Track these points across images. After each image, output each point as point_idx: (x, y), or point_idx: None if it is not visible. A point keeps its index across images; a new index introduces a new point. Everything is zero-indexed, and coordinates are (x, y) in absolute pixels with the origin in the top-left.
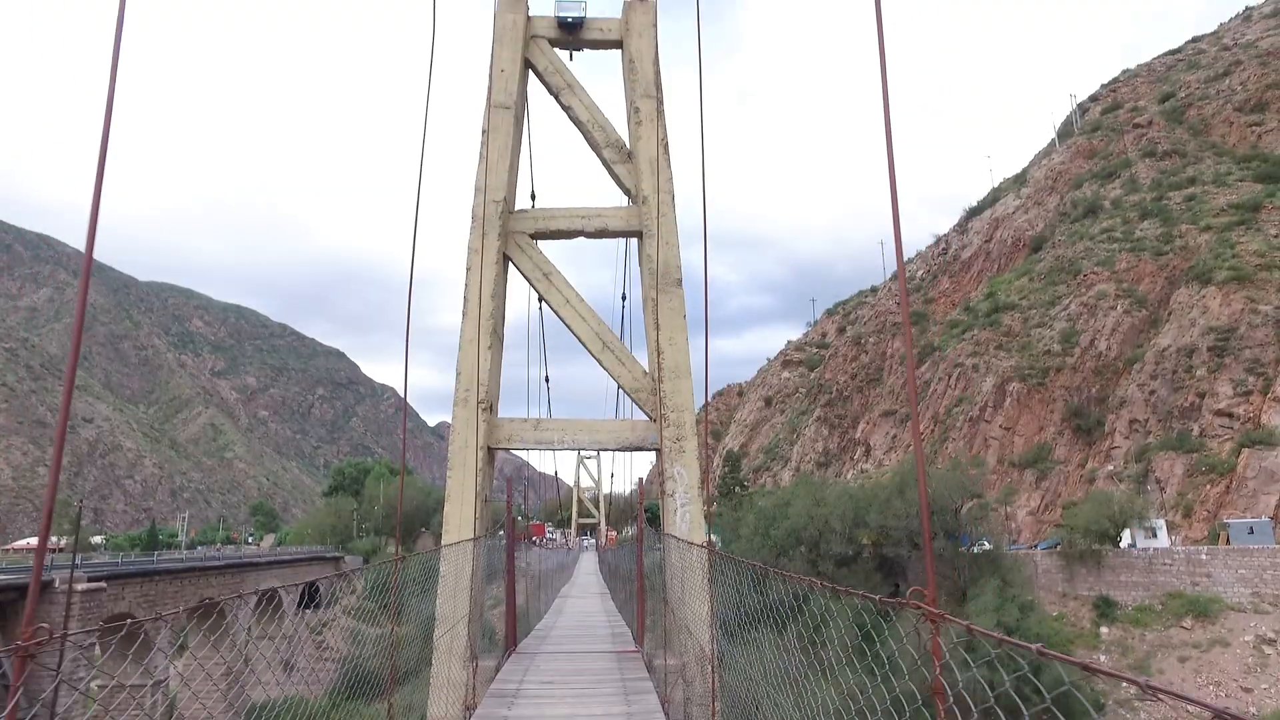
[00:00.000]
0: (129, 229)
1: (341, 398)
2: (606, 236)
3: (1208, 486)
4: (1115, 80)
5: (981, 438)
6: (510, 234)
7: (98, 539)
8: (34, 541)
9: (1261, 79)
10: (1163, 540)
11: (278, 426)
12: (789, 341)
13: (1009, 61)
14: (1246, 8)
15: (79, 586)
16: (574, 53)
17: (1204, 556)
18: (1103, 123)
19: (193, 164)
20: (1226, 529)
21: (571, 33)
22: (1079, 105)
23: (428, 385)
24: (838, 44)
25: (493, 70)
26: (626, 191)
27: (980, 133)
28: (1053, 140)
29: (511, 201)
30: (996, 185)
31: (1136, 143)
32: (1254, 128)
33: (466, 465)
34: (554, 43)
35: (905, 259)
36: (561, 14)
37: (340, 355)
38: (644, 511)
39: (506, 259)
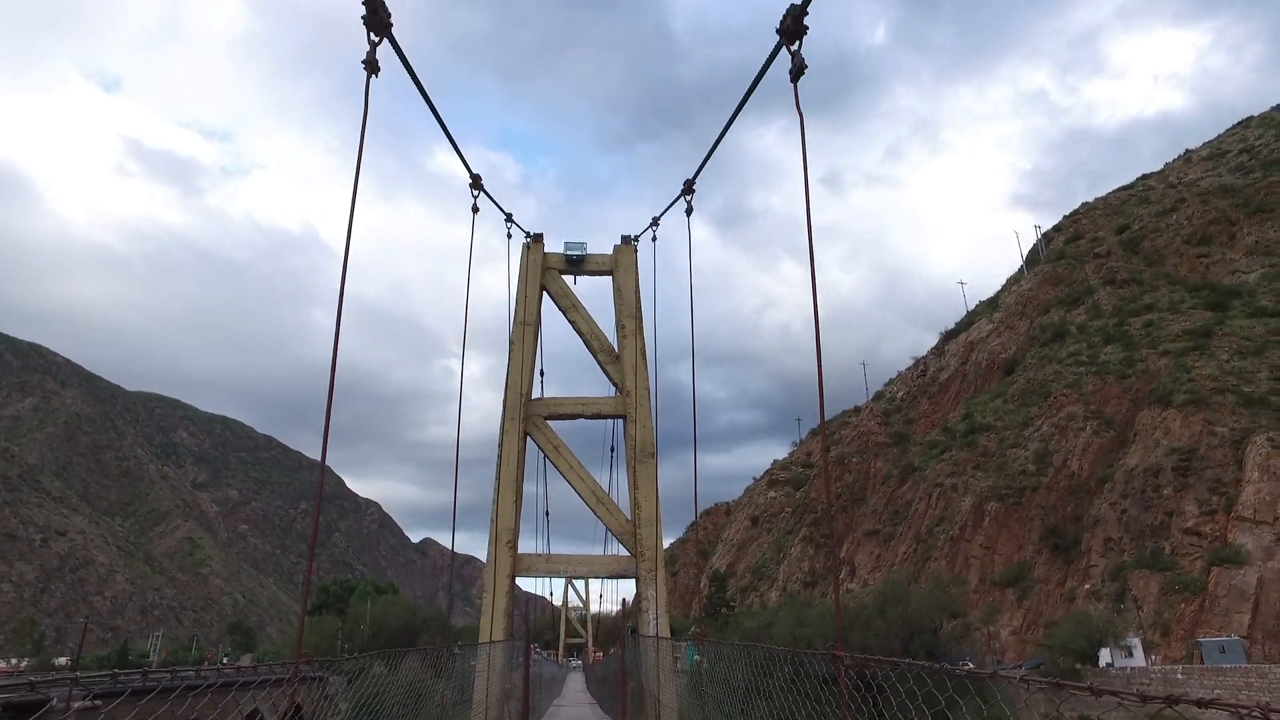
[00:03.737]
0: (117, 338)
1: (324, 512)
2: (600, 418)
3: (1183, 605)
4: (1076, 212)
5: (963, 557)
6: (530, 417)
7: (62, 660)
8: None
9: (1204, 215)
10: (1139, 659)
11: (257, 541)
12: (775, 461)
13: (977, 184)
14: (1186, 150)
15: (75, 705)
16: (577, 277)
17: (1180, 676)
18: (1066, 251)
19: (184, 273)
20: (1199, 648)
21: (575, 265)
22: (1044, 235)
23: (412, 499)
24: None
25: (518, 295)
26: (615, 385)
27: (952, 253)
28: (1021, 268)
29: (529, 393)
30: (971, 309)
31: (1098, 271)
32: (1201, 259)
33: (499, 587)
34: (562, 271)
35: (886, 380)
36: (569, 252)
37: (327, 470)
38: (625, 628)
39: (526, 435)
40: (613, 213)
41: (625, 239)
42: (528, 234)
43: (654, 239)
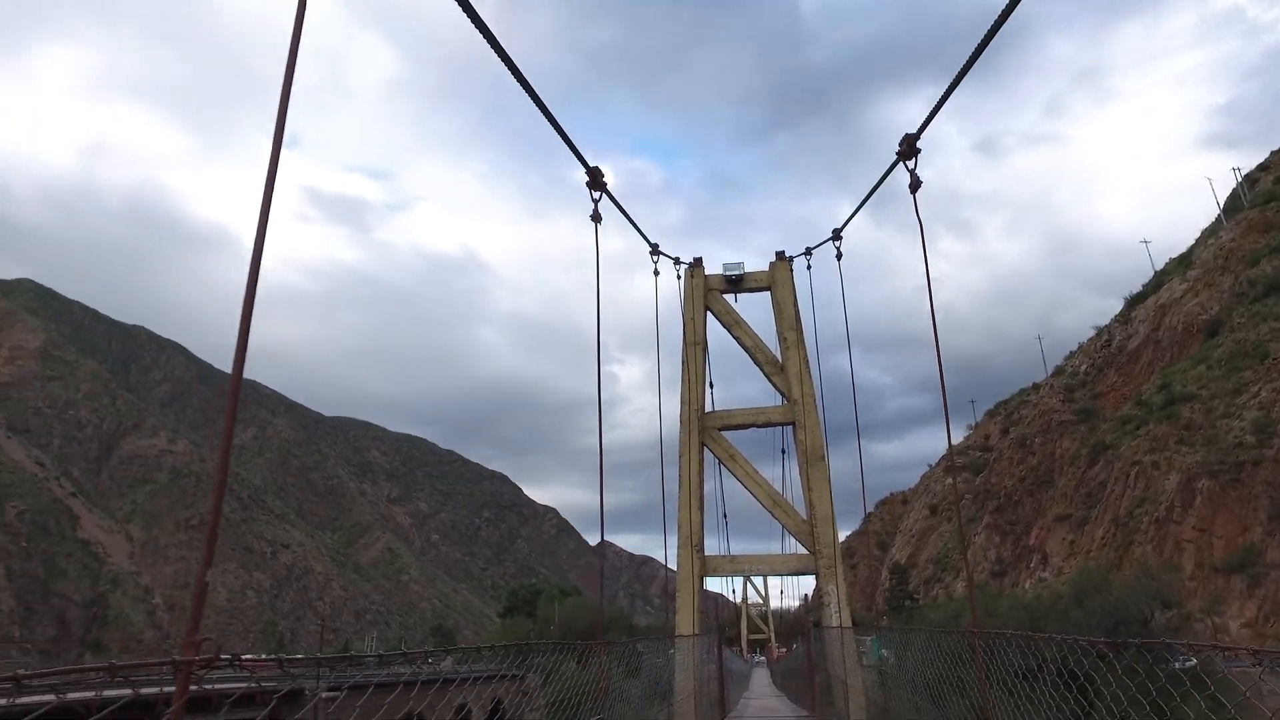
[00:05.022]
0: (313, 368)
1: (506, 520)
2: (770, 426)
3: None
4: None
5: (1173, 541)
6: (705, 429)
7: (298, 657)
8: (247, 656)
9: None
10: None
11: (448, 549)
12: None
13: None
14: None
15: (322, 694)
16: (737, 295)
17: None
18: (1276, 193)
19: (361, 304)
20: None
21: (734, 284)
22: (1246, 176)
23: (587, 505)
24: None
25: (684, 318)
26: (781, 393)
27: (1130, 210)
28: (1218, 217)
29: (702, 407)
30: (1159, 269)
31: None
32: None
33: (688, 589)
34: (723, 291)
35: (1066, 354)
36: (727, 272)
37: (503, 479)
38: (809, 621)
39: (703, 446)
40: (756, 207)
41: (780, 255)
42: (676, 261)
43: (809, 266)
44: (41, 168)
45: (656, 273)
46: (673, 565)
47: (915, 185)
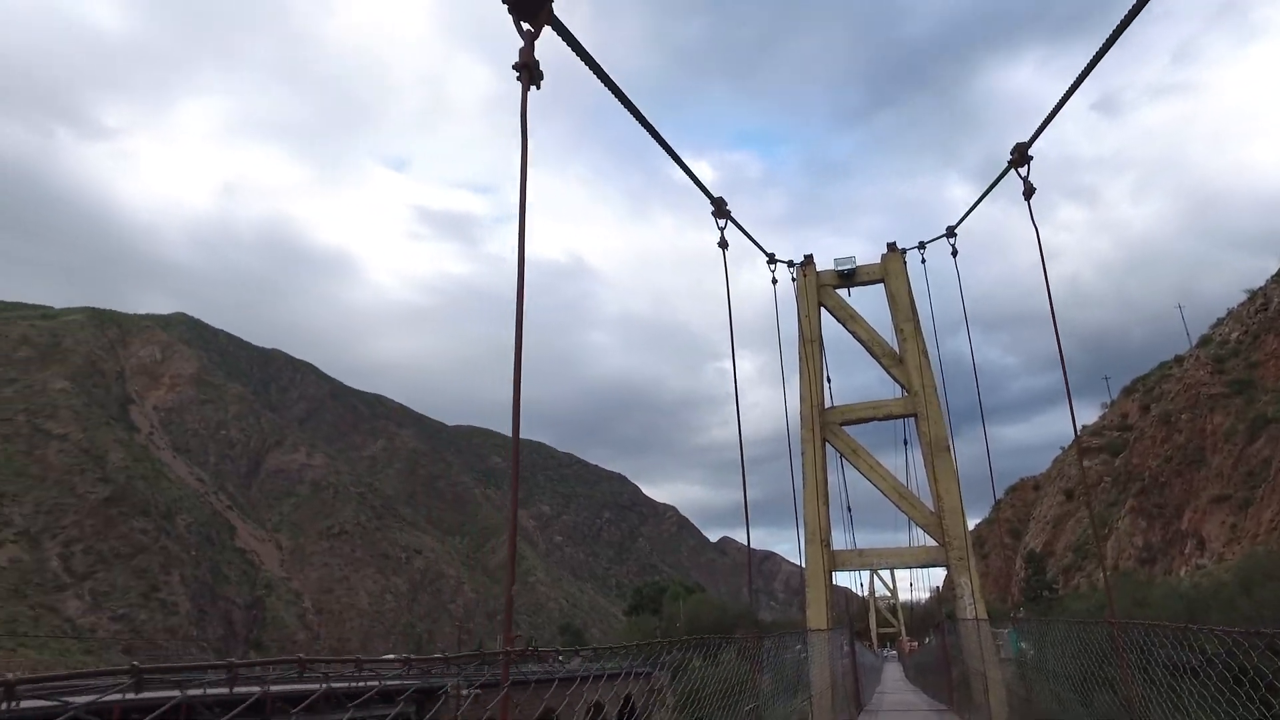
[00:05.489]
0: (434, 380)
1: (626, 519)
2: (891, 419)
3: None
4: None
5: None
6: (826, 424)
7: (436, 657)
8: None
9: None
10: None
11: (571, 550)
12: (1083, 426)
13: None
14: None
15: (464, 691)
16: (850, 290)
17: None
18: None
19: (475, 316)
20: None
21: (847, 279)
22: None
23: (704, 500)
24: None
25: (799, 314)
26: (902, 385)
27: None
28: None
29: (821, 403)
30: None
31: None
32: None
33: (818, 583)
34: (835, 287)
35: (1213, 321)
36: (839, 267)
37: (622, 479)
38: (942, 613)
39: (825, 441)
40: (860, 191)
41: (891, 246)
42: (790, 264)
43: (923, 260)
44: (186, 210)
45: (774, 280)
46: (793, 559)
47: (1029, 192)
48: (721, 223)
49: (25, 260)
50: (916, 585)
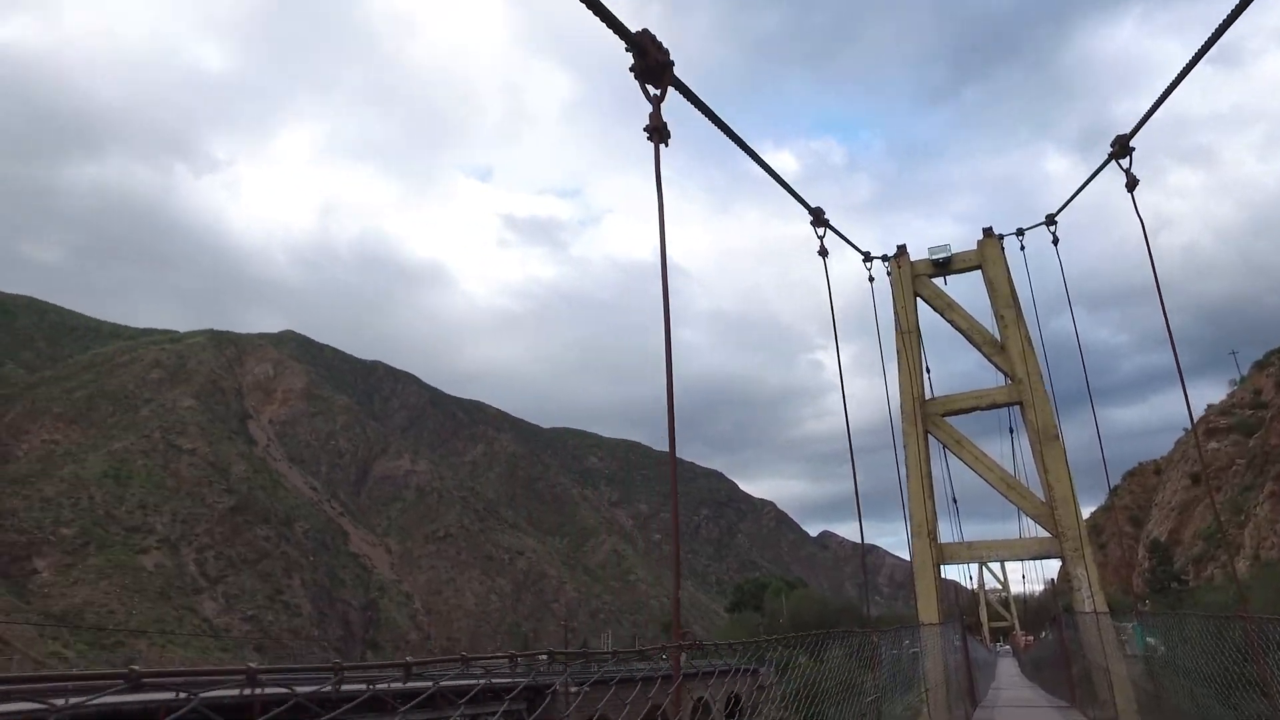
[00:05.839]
0: (528, 384)
1: (724, 516)
2: (995, 408)
3: None
4: None
5: None
6: (928, 416)
7: (542, 656)
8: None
9: None
10: None
11: (670, 548)
12: (1208, 405)
13: None
14: None
15: (571, 688)
16: (946, 278)
17: None
18: None
19: (565, 319)
20: None
21: (942, 268)
22: None
23: (803, 494)
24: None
25: (894, 305)
26: (1005, 373)
27: None
28: None
29: (921, 394)
30: None
31: None
32: None
33: (926, 577)
34: (930, 276)
35: None
36: (934, 256)
37: (719, 475)
38: (1059, 606)
39: (927, 433)
40: (950, 171)
41: (987, 232)
42: (884, 258)
43: (1022, 248)
44: (291, 233)
45: (871, 279)
46: (896, 552)
47: (1132, 184)
48: (821, 231)
49: (153, 288)
50: (1029, 577)
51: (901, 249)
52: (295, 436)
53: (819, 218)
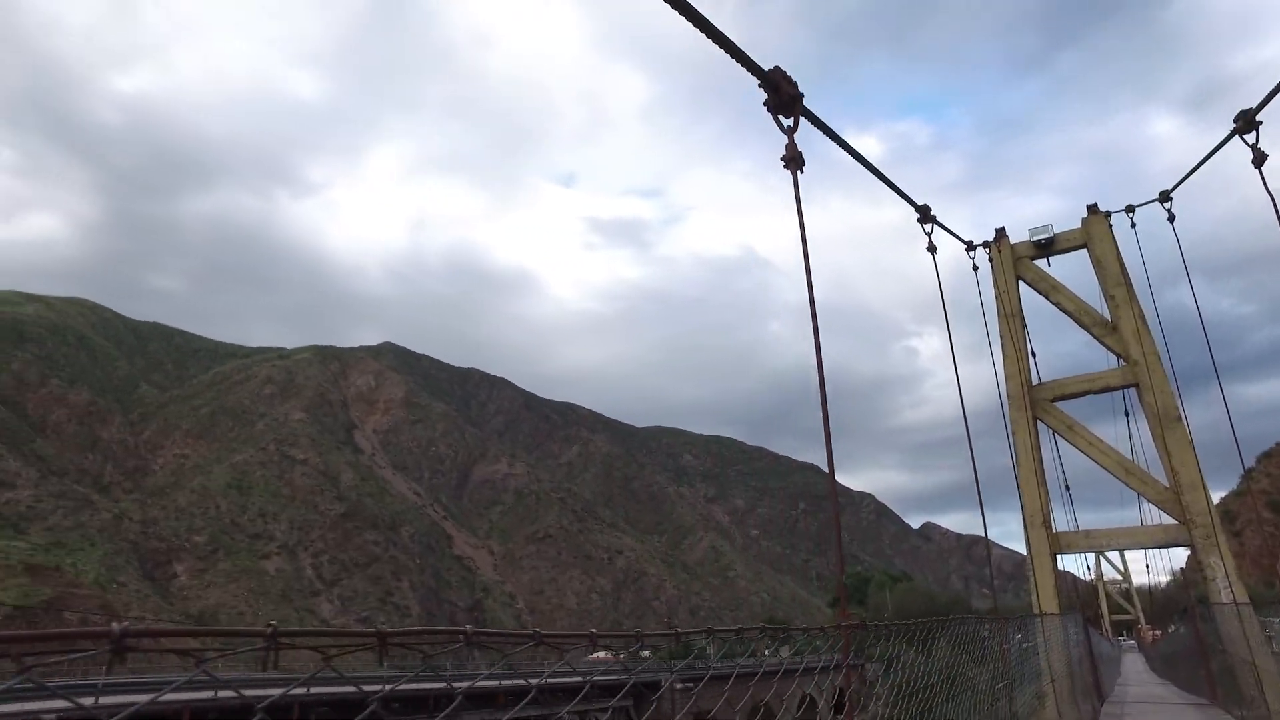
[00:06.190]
0: (620, 385)
1: (823, 509)
2: (1108, 391)
3: None
4: None
5: None
6: (1037, 401)
7: (645, 654)
8: (601, 654)
9: None
10: None
11: (768, 544)
12: None
13: None
14: None
15: (676, 687)
16: (1050, 259)
17: None
18: None
19: (653, 318)
20: None
21: (1045, 249)
22: None
23: (903, 485)
24: None
25: (996, 290)
26: (1117, 355)
27: None
28: None
29: (1028, 379)
30: None
31: None
32: None
33: (1044, 567)
34: (1033, 258)
35: None
36: (1036, 238)
37: (815, 469)
38: (1192, 598)
39: (1036, 420)
40: (1044, 142)
41: (1092, 209)
42: (985, 245)
43: (1132, 225)
44: (384, 248)
45: (975, 268)
46: (1004, 543)
47: (1260, 160)
48: (928, 227)
49: (261, 309)
50: (1154, 567)
51: (1001, 232)
52: (398, 444)
53: (926, 214)
